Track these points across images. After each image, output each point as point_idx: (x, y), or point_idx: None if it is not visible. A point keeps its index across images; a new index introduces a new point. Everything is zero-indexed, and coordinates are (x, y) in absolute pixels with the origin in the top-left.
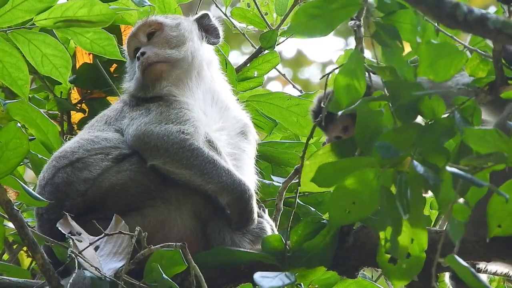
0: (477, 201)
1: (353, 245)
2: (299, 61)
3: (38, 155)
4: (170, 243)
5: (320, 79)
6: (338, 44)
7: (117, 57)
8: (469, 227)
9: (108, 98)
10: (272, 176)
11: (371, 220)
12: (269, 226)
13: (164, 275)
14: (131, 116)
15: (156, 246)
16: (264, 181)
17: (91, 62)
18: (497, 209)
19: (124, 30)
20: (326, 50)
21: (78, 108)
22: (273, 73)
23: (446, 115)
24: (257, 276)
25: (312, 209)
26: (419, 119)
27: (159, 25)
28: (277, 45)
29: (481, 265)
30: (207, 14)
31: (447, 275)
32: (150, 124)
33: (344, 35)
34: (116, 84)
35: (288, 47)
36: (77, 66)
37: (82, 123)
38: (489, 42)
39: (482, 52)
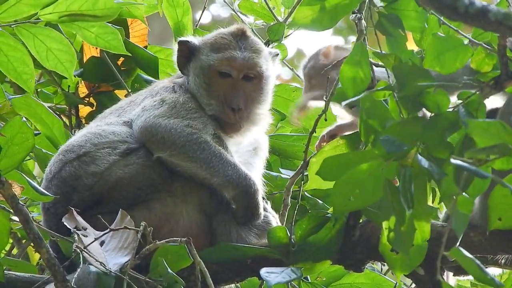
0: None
1: (359, 239)
2: (298, 60)
3: (43, 150)
4: (175, 238)
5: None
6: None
7: (121, 51)
8: (482, 215)
9: (116, 91)
10: (280, 169)
11: (374, 213)
12: (275, 220)
13: (169, 269)
14: (144, 106)
15: (161, 241)
16: (272, 173)
17: (99, 56)
18: (498, 202)
19: (131, 24)
20: None
21: (86, 102)
22: None
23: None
24: (263, 272)
25: (320, 201)
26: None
27: (259, 75)
28: (285, 38)
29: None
30: (278, 54)
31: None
32: (159, 117)
33: (343, 34)
34: (124, 78)
35: (287, 46)
36: (85, 60)
37: (90, 117)
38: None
39: (487, 47)
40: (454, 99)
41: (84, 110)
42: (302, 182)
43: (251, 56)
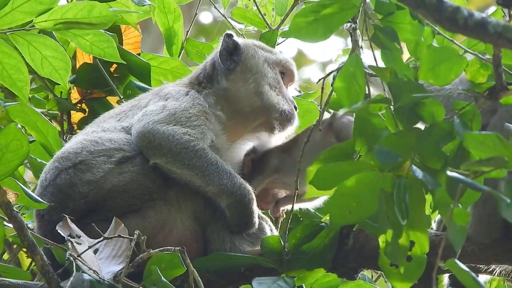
0: (486, 202)
1: (352, 247)
2: (299, 60)
3: (37, 159)
4: (168, 247)
5: (317, 82)
6: (338, 44)
7: (116, 59)
8: (481, 229)
9: (108, 98)
10: None
11: (370, 225)
12: (268, 227)
13: (163, 278)
14: (145, 111)
15: (155, 250)
16: None
17: (91, 62)
18: None
19: (125, 31)
20: (326, 50)
21: (78, 108)
22: None
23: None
24: (255, 282)
25: (312, 210)
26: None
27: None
28: (277, 45)
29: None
30: None
31: (446, 277)
32: (158, 123)
33: (343, 34)
34: (116, 84)
35: (288, 46)
36: (77, 66)
37: (82, 123)
38: None
39: (482, 57)
40: None
41: (76, 116)
42: (296, 191)
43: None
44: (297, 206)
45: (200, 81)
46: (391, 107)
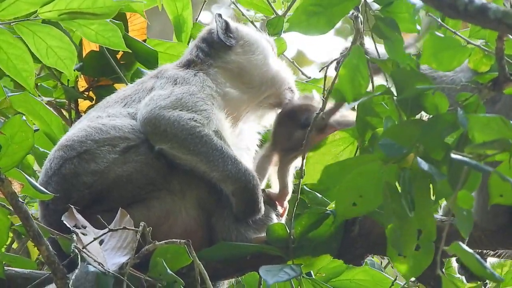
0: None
1: (358, 234)
2: (299, 61)
3: (40, 148)
4: (174, 240)
5: (320, 71)
6: (338, 44)
7: (122, 48)
8: (487, 216)
9: (115, 85)
10: None
11: (377, 213)
12: (275, 212)
13: (168, 269)
14: (153, 95)
15: (161, 242)
16: None
17: (98, 50)
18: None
19: (130, 17)
20: (326, 50)
21: (86, 96)
22: None
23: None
24: (262, 270)
25: (319, 195)
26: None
27: None
28: (283, 32)
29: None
30: None
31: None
32: (165, 109)
33: (343, 34)
34: (123, 71)
35: (288, 47)
36: (84, 54)
37: None
38: None
39: (486, 49)
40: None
41: (83, 104)
42: (302, 175)
43: None
44: None
45: (202, 59)
46: (394, 98)
